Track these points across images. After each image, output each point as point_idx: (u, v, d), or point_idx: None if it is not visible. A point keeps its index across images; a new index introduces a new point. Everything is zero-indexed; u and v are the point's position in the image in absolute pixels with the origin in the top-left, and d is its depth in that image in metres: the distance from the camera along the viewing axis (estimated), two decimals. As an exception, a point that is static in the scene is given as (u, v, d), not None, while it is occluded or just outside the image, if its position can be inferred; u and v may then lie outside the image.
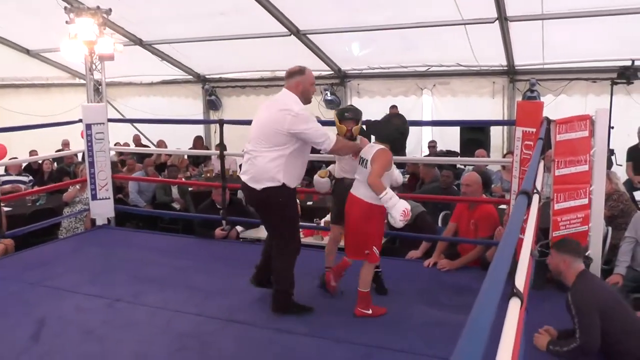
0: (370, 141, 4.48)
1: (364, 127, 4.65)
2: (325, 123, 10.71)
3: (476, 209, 5.33)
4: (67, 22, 8.06)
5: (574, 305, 3.46)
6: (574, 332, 3.46)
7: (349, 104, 11.72)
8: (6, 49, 12.22)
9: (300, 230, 6.40)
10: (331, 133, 4.16)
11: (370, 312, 4.20)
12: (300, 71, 4.25)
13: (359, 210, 4.12)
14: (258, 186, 4.11)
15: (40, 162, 10.45)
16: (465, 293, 4.64)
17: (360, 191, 4.12)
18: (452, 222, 5.55)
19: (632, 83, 8.82)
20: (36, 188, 8.65)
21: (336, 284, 4.49)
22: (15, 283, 5.04)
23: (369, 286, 4.25)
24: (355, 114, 4.63)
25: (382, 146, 4.11)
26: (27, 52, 12.52)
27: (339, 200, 4.56)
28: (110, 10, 8.62)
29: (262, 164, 4.10)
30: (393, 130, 4.20)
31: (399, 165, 8.85)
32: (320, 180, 4.77)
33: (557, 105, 9.60)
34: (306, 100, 4.24)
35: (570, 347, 3.45)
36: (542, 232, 4.73)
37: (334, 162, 4.80)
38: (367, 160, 4.07)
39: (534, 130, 4.52)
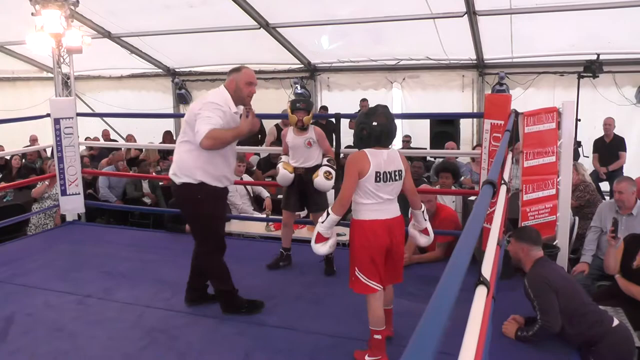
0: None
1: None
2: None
3: (435, 217, 5.30)
4: (33, 13, 7.91)
5: (531, 289, 3.61)
6: (536, 316, 3.57)
7: (318, 97, 11.78)
8: (-31, 42, 12.01)
9: (270, 224, 6.46)
10: (206, 126, 3.72)
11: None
12: (237, 69, 4.06)
13: (403, 229, 3.54)
14: (177, 180, 3.97)
15: (7, 157, 10.28)
16: (434, 284, 4.62)
17: (394, 209, 3.45)
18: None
19: (598, 77, 8.98)
20: (3, 184, 8.50)
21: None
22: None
23: (378, 324, 3.44)
24: (307, 104, 4.88)
25: (392, 149, 3.50)
26: (-8, 44, 12.30)
27: (292, 187, 4.95)
28: (77, 1, 8.46)
29: (179, 156, 3.98)
30: (355, 127, 3.54)
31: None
32: (288, 175, 4.88)
33: (526, 98, 9.73)
34: (238, 99, 4.01)
35: (535, 329, 3.57)
36: (512, 222, 4.81)
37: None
38: (399, 171, 3.42)
39: (502, 122, 4.57)
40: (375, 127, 3.36)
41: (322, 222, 3.42)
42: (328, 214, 3.39)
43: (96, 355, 3.66)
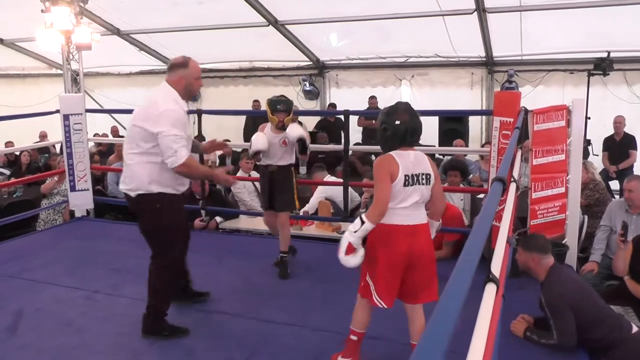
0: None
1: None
2: (303, 113, 10.69)
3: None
4: (42, 10, 7.93)
5: (547, 307, 3.52)
6: (550, 327, 3.51)
7: (327, 94, 11.76)
8: (-21, 39, 12.05)
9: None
10: (184, 151, 3.60)
11: None
12: (183, 63, 3.78)
13: (429, 239, 3.28)
14: (132, 193, 3.74)
15: (17, 153, 10.32)
16: (441, 281, 4.65)
17: (421, 216, 3.22)
18: None
19: (608, 74, 8.91)
20: (13, 180, 8.53)
21: None
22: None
23: (359, 326, 3.39)
24: (287, 105, 4.82)
25: (418, 151, 3.31)
26: (1, 41, 12.31)
27: (264, 185, 4.96)
28: (86, -1, 8.51)
29: (131, 171, 3.73)
30: (378, 128, 3.33)
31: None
32: (263, 137, 4.81)
33: (535, 96, 9.67)
34: (189, 96, 3.87)
35: (548, 342, 3.52)
36: (520, 220, 4.79)
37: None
38: (426, 175, 3.20)
39: (512, 120, 4.55)
40: (398, 125, 3.16)
41: (355, 232, 3.07)
42: (362, 222, 3.05)
43: (104, 350, 3.68)
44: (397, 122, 3.17)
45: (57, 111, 6.61)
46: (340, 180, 6.73)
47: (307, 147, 4.84)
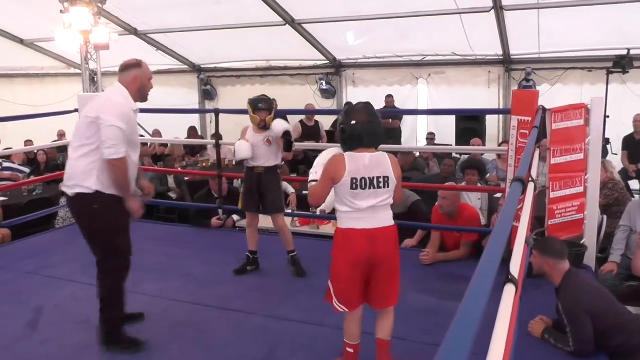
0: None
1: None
2: (320, 112, 10.71)
3: (458, 217, 5.29)
4: (61, 11, 8.01)
5: (564, 314, 3.46)
6: (567, 333, 3.46)
7: (344, 93, 11.75)
8: (0, 39, 12.15)
9: (296, 219, 6.45)
10: (124, 148, 3.45)
11: None
12: (137, 64, 3.71)
13: (394, 242, 3.21)
14: (70, 191, 3.56)
15: (36, 152, 10.42)
16: (460, 281, 4.65)
17: (381, 218, 3.13)
18: (435, 233, 5.47)
19: (628, 72, 8.83)
20: (32, 178, 8.62)
21: None
22: (12, 272, 5.04)
23: (350, 338, 3.34)
24: (269, 104, 4.78)
25: (381, 152, 3.21)
26: (21, 41, 12.43)
27: (251, 188, 4.86)
28: (105, -1, 8.58)
29: (73, 162, 3.55)
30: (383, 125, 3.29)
31: (395, 154, 8.88)
32: (245, 144, 4.78)
33: (552, 94, 9.59)
34: (142, 97, 3.74)
35: (564, 348, 3.48)
36: (538, 220, 4.75)
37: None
38: (384, 178, 3.09)
39: (530, 119, 4.52)
40: (354, 126, 3.09)
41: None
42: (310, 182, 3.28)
43: (123, 348, 3.70)
44: (354, 123, 3.11)
45: (76, 110, 6.66)
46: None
47: (292, 143, 4.84)
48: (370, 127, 3.11)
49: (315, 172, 3.28)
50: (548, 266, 3.61)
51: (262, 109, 4.74)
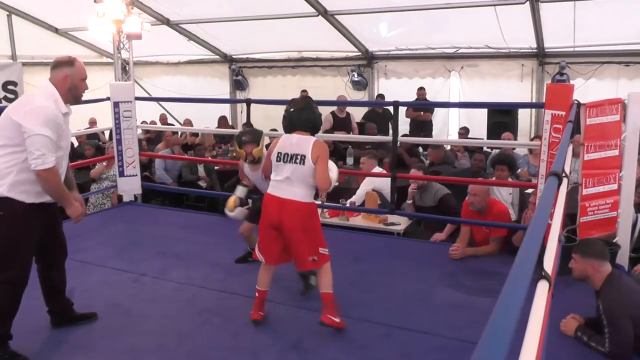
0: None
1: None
2: (352, 104, 10.65)
3: (488, 213, 5.24)
4: (95, 1, 8.08)
5: (605, 315, 3.37)
6: (603, 332, 3.38)
7: (375, 85, 11.69)
8: (36, 28, 12.31)
9: (325, 211, 6.44)
10: (53, 157, 3.23)
11: (339, 320, 3.71)
12: (69, 62, 3.46)
13: (299, 215, 3.65)
14: None
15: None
16: (489, 277, 4.63)
17: (293, 191, 3.65)
18: (464, 228, 5.45)
19: (667, 67, 8.64)
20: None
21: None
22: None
23: (260, 284, 3.90)
24: (254, 136, 4.39)
25: (311, 137, 3.75)
26: (56, 30, 12.59)
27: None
28: (138, -11, 8.63)
29: None
30: (317, 115, 3.87)
31: (426, 148, 8.83)
32: (232, 214, 4.58)
33: (587, 89, 9.42)
34: (74, 98, 3.50)
35: (597, 347, 3.40)
36: (569, 217, 4.68)
37: None
38: (301, 156, 3.64)
39: (564, 113, 4.44)
40: (291, 113, 3.82)
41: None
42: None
43: (151, 331, 3.76)
44: (292, 110, 3.83)
45: (108, 98, 6.75)
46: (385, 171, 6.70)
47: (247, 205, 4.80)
48: (303, 114, 3.79)
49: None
50: (592, 269, 3.51)
51: (247, 142, 4.35)
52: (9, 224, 3.28)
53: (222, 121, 11.85)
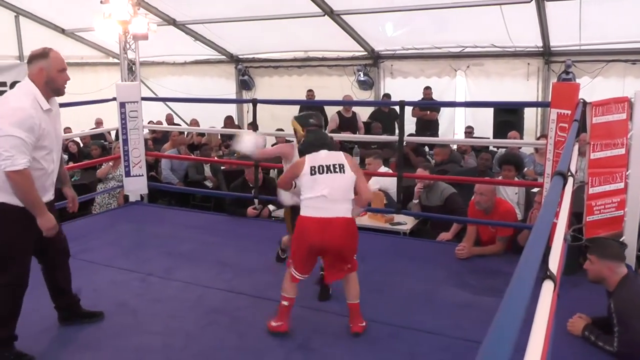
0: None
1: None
2: (358, 103, 10.64)
3: (494, 212, 5.24)
4: (101, 1, 8.09)
5: (616, 314, 3.34)
6: (612, 332, 3.36)
7: (381, 84, 11.69)
8: (42, 28, 12.36)
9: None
10: (23, 158, 3.12)
11: (365, 323, 3.73)
12: (42, 54, 3.33)
13: (347, 233, 3.54)
14: None
15: (78, 139, 10.61)
16: (495, 276, 4.63)
17: (337, 209, 3.49)
18: (470, 227, 5.44)
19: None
20: (71, 164, 8.77)
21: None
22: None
23: (287, 292, 3.71)
24: (320, 120, 4.13)
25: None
26: (63, 31, 12.64)
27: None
28: (144, -11, 8.65)
29: None
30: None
31: (432, 147, 8.83)
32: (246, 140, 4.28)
33: (593, 87, 9.39)
34: (54, 91, 3.38)
35: (605, 347, 3.39)
36: (575, 216, 4.67)
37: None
38: (339, 165, 3.54)
39: (569, 112, 4.44)
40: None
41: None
42: None
43: (158, 331, 3.77)
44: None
45: (114, 99, 6.78)
46: (391, 171, 6.70)
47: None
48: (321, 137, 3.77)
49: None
50: (609, 270, 3.46)
51: (314, 125, 3.99)
52: (3, 228, 3.26)
53: (228, 121, 11.87)
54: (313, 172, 3.48)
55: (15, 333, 3.42)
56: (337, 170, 3.49)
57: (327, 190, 3.43)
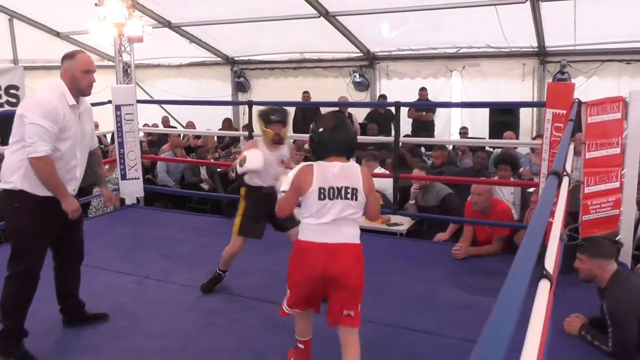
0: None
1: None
2: (354, 105, 10.62)
3: (491, 212, 5.25)
4: (96, 4, 8.10)
5: (609, 314, 3.34)
6: (607, 333, 3.37)
7: (377, 86, 11.70)
8: (37, 31, 12.34)
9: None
10: (46, 146, 3.25)
11: None
12: (70, 55, 3.51)
13: (355, 261, 3.02)
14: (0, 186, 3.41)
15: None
16: (493, 276, 4.64)
17: (345, 233, 2.98)
18: (467, 227, 5.45)
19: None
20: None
21: None
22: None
23: (300, 334, 3.33)
24: (283, 115, 4.12)
25: (354, 163, 3.16)
26: (57, 34, 12.61)
27: (258, 212, 4.22)
28: (139, -9, 8.65)
29: (6, 157, 3.43)
30: (353, 134, 3.27)
31: (428, 148, 8.84)
32: (259, 156, 3.99)
33: (588, 87, 9.41)
34: (78, 91, 3.47)
35: (601, 346, 3.39)
36: (571, 216, 4.68)
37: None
38: (352, 189, 2.96)
39: (565, 112, 4.46)
40: (322, 133, 3.03)
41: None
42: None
43: (156, 334, 3.77)
44: (321, 130, 3.04)
45: (109, 102, 6.77)
46: (387, 172, 6.71)
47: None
48: (337, 134, 3.03)
49: (287, 184, 3.09)
50: (599, 268, 3.48)
51: (276, 122, 4.06)
52: (23, 216, 3.36)
53: (226, 123, 11.86)
54: (322, 196, 2.92)
55: (26, 328, 3.45)
56: (349, 197, 2.93)
57: (334, 216, 2.93)
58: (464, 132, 10.43)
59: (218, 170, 8.89)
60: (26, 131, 3.23)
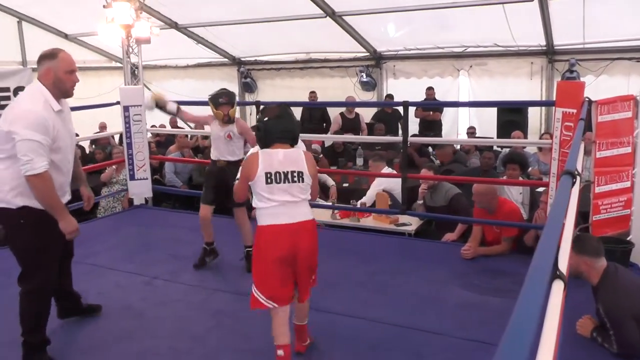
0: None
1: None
2: (361, 104, 10.61)
3: (498, 211, 5.21)
4: (104, 6, 8.11)
5: (606, 317, 3.33)
6: (610, 335, 3.35)
7: (384, 85, 11.67)
8: (45, 34, 12.37)
9: (336, 212, 6.43)
10: (42, 161, 3.11)
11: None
12: (51, 55, 3.31)
13: (315, 236, 3.26)
14: None
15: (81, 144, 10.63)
16: (500, 276, 4.61)
17: (303, 211, 3.18)
18: (476, 227, 5.41)
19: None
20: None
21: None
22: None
23: (278, 339, 3.28)
24: (230, 97, 4.86)
25: (298, 149, 3.31)
26: (66, 36, 12.65)
27: (212, 181, 4.91)
28: (146, -7, 8.66)
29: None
30: (296, 124, 3.45)
31: (435, 147, 8.80)
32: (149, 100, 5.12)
33: (597, 86, 9.32)
34: (62, 93, 3.34)
35: (610, 349, 3.37)
36: (581, 215, 4.65)
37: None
38: (298, 172, 3.15)
39: (575, 111, 4.42)
40: (267, 122, 3.23)
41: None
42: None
43: (164, 334, 3.77)
44: (266, 119, 3.25)
45: (117, 103, 6.78)
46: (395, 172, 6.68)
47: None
48: (280, 123, 3.22)
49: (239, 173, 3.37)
50: (585, 265, 3.43)
51: (224, 104, 4.79)
52: (33, 232, 3.26)
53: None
54: (269, 180, 3.10)
55: (47, 336, 3.46)
56: (296, 179, 3.13)
57: (285, 198, 3.11)
58: (471, 131, 10.38)
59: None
60: (19, 149, 3.06)
